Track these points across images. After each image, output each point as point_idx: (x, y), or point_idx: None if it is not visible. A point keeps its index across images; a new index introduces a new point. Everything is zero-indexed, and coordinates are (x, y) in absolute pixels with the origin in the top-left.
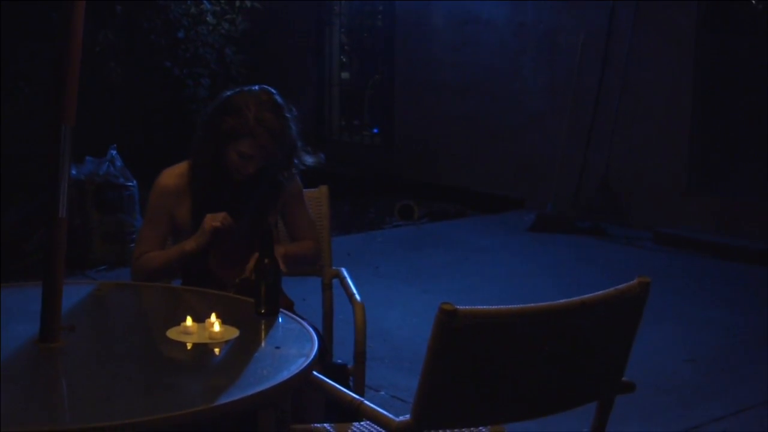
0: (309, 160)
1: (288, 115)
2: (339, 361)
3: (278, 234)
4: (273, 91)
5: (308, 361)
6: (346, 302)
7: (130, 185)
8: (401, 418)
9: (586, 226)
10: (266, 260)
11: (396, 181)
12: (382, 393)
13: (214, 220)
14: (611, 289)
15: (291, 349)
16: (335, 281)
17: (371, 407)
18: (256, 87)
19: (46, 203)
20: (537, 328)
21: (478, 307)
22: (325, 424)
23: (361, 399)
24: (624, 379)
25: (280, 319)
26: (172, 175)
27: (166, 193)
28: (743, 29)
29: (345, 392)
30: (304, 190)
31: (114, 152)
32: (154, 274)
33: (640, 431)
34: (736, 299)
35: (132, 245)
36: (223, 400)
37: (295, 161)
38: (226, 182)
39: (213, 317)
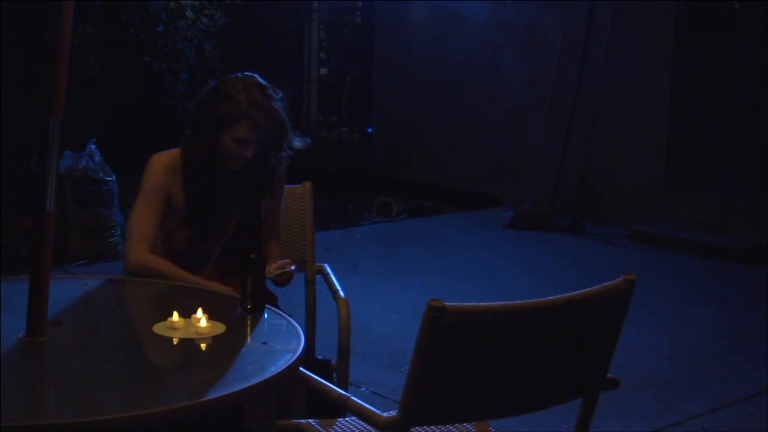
0: (298, 142)
1: (275, 95)
2: (319, 356)
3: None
4: (256, 75)
5: (295, 357)
6: (325, 298)
7: (109, 180)
8: (388, 413)
9: (564, 223)
10: (252, 255)
11: (374, 178)
12: (363, 389)
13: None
14: (597, 286)
15: (277, 345)
16: (318, 277)
17: (359, 403)
18: (239, 74)
19: (26, 196)
20: (524, 325)
21: (467, 303)
22: (310, 420)
23: (348, 395)
24: (609, 375)
25: (266, 315)
26: (167, 155)
27: (163, 169)
28: (721, 27)
29: (332, 388)
30: (286, 186)
31: (93, 146)
32: (155, 277)
33: (620, 428)
34: (713, 297)
35: (111, 240)
36: (210, 395)
37: (286, 144)
38: (220, 174)
39: (199, 312)
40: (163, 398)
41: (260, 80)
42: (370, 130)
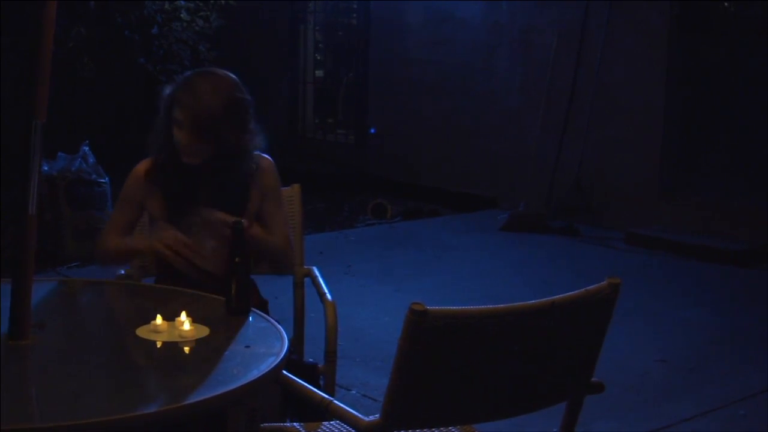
0: (259, 140)
1: (232, 93)
2: (310, 360)
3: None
4: (228, 73)
5: (278, 360)
6: (318, 301)
7: (103, 182)
8: (371, 417)
9: (559, 225)
10: (237, 258)
11: (369, 180)
12: (353, 392)
13: (162, 241)
14: (581, 289)
15: (261, 348)
16: (307, 280)
17: (341, 407)
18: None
19: (14, 199)
20: (507, 329)
21: (449, 307)
22: (294, 423)
23: (331, 398)
24: (593, 379)
25: (250, 318)
26: (148, 163)
27: (138, 181)
28: (716, 29)
29: (315, 392)
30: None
31: (86, 148)
32: (108, 259)
33: (610, 430)
34: (707, 300)
35: None
36: (193, 399)
37: (244, 141)
38: (184, 168)
39: (183, 316)
40: (146, 401)
41: (225, 74)
42: (372, 131)
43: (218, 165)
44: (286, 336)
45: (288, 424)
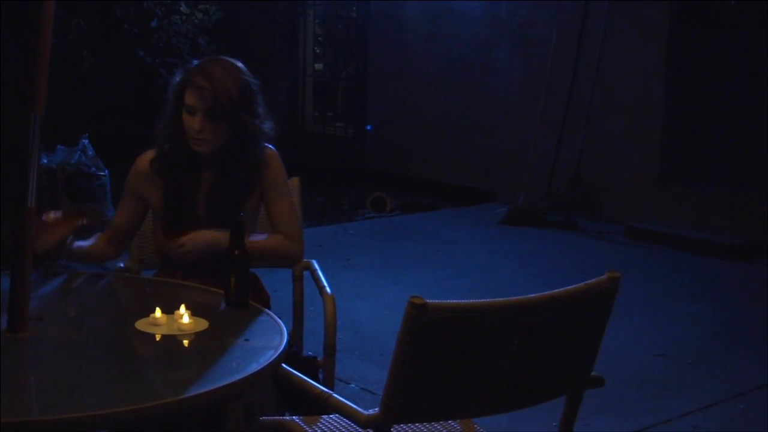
0: (268, 126)
1: (244, 77)
2: (309, 353)
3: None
4: (234, 60)
5: (277, 354)
6: (317, 294)
7: (102, 174)
8: (370, 411)
9: (558, 219)
10: (236, 251)
11: (369, 173)
12: (352, 385)
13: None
14: (581, 283)
15: (260, 342)
16: (306, 273)
17: (340, 400)
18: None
19: (13, 192)
20: (507, 323)
21: (448, 300)
22: (294, 417)
23: (330, 392)
24: (593, 373)
25: (249, 311)
26: (147, 158)
27: (137, 176)
28: (715, 24)
29: (314, 385)
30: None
31: (86, 141)
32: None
33: (609, 425)
34: (706, 294)
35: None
36: (192, 392)
37: (239, 116)
38: (189, 157)
39: (182, 309)
40: (144, 395)
41: (233, 60)
42: (369, 128)
43: (226, 153)
44: (285, 329)
45: (287, 418)
